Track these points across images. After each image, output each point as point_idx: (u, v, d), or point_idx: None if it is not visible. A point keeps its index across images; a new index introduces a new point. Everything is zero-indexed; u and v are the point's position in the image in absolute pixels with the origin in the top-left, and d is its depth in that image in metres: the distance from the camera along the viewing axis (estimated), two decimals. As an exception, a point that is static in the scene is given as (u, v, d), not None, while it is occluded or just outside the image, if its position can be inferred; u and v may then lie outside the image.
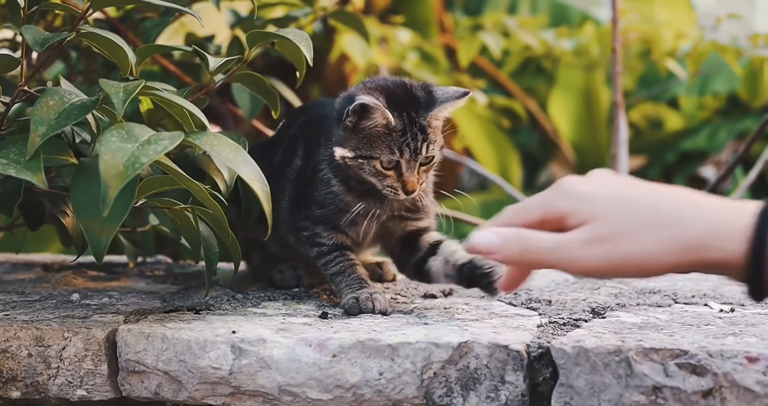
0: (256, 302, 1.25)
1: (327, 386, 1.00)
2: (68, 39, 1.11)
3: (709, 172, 4.41)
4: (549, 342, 0.99)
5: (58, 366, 1.09)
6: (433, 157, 1.22)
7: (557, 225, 0.86)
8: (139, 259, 1.63)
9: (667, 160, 4.49)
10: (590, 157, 4.64)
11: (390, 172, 1.19)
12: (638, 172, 4.41)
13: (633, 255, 0.81)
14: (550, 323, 1.10)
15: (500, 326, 1.08)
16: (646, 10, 4.19)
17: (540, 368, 0.99)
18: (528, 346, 1.00)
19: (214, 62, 1.23)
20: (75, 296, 1.28)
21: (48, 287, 1.37)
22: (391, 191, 1.20)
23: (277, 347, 1.02)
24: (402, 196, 1.20)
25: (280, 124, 1.47)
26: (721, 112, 4.48)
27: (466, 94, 1.22)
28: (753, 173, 2.37)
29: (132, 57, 1.17)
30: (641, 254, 0.80)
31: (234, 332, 1.05)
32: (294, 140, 1.37)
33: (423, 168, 1.21)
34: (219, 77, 1.28)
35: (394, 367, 0.99)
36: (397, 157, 1.18)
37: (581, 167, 4.63)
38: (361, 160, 1.19)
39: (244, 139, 1.26)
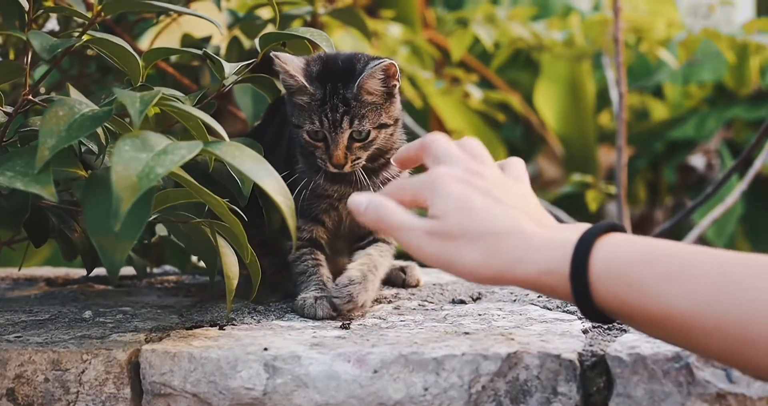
0: (280, 315, 1.19)
1: (369, 404, 0.95)
2: (77, 45, 1.05)
3: (698, 161, 4.39)
4: (603, 350, 0.95)
5: (78, 391, 1.03)
6: (368, 133, 1.18)
7: (426, 206, 0.91)
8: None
9: (655, 150, 4.44)
10: (577, 149, 4.59)
11: (320, 144, 1.19)
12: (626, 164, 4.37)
13: (458, 261, 0.85)
14: (594, 327, 1.06)
15: (545, 332, 1.03)
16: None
17: (593, 378, 0.94)
18: (580, 354, 0.95)
19: (229, 68, 1.17)
20: (87, 314, 1.22)
21: (56, 305, 1.30)
22: (321, 162, 1.19)
23: (313, 363, 0.96)
24: (331, 169, 1.18)
25: (263, 115, 1.44)
26: (708, 100, 4.45)
27: (382, 62, 1.16)
28: (752, 172, 2.30)
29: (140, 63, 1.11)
30: (463, 262, 0.85)
31: (266, 349, 0.99)
32: (278, 129, 1.34)
33: (357, 144, 1.18)
34: (229, 80, 1.23)
35: (439, 381, 0.94)
36: (317, 128, 1.17)
37: (569, 160, 4.59)
38: (296, 130, 1.20)
39: (260, 145, 1.21)
